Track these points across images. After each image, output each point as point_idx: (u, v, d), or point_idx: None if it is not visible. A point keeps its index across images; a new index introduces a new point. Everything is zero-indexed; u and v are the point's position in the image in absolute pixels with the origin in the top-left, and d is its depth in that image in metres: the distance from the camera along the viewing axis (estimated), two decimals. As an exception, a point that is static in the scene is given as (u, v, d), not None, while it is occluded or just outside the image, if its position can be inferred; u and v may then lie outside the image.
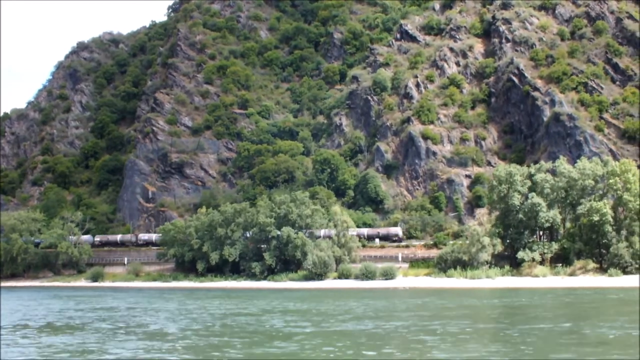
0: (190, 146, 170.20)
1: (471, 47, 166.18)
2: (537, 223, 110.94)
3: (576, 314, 60.01)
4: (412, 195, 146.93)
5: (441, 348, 40.31)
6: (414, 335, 46.60)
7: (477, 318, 57.41)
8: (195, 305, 79.03)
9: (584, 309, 65.93)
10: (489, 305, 70.68)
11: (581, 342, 41.90)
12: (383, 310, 66.27)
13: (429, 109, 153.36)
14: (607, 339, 42.86)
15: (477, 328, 49.88)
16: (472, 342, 42.92)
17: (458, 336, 45.29)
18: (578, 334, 45.86)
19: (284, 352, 40.43)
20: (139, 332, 51.90)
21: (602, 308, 65.97)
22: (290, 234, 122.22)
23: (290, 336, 47.04)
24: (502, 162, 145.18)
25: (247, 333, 49.62)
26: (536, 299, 76.24)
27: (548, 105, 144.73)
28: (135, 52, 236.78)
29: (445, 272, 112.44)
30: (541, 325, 49.82)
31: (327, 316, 60.71)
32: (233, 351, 40.89)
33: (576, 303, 71.94)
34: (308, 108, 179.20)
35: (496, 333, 46.21)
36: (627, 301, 71.61)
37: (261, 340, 45.71)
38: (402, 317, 58.38)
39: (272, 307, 73.17)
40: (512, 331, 47.25)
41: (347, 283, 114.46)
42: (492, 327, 49.94)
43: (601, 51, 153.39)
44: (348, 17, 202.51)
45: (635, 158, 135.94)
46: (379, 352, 40.09)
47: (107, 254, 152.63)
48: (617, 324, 49.03)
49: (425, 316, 59.02)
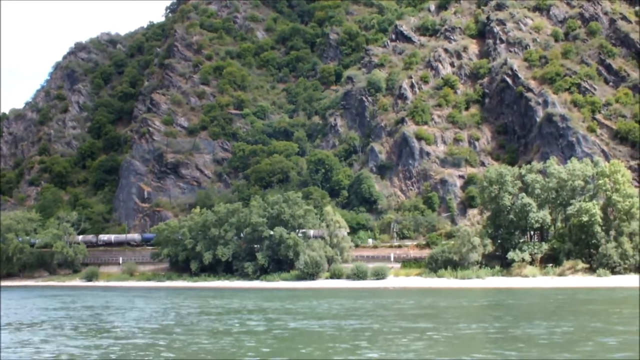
0: (186, 146, 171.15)
1: (466, 48, 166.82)
2: (528, 223, 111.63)
3: (526, 314, 60.43)
4: (406, 196, 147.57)
5: (342, 347, 41.02)
6: (340, 334, 47.44)
7: (427, 318, 57.73)
8: (172, 304, 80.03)
9: (543, 308, 66.71)
10: (455, 306, 71.11)
11: (495, 341, 42.67)
12: (348, 309, 66.93)
13: (423, 110, 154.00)
14: (526, 337, 43.52)
15: (409, 327, 50.19)
16: (384, 341, 43.17)
17: (382, 335, 45.87)
18: (503, 333, 46.23)
19: (200, 348, 41.56)
20: (93, 330, 52.63)
21: (562, 307, 66.46)
22: (282, 234, 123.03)
23: (229, 334, 48.33)
24: (495, 162, 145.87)
25: (194, 331, 50.60)
26: (507, 299, 76.80)
27: (541, 106, 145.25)
28: (133, 53, 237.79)
29: (436, 272, 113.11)
30: (478, 324, 50.66)
31: (290, 315, 61.86)
32: (163, 349, 41.71)
33: (541, 303, 72.69)
34: (303, 108, 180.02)
35: (422, 332, 46.72)
36: (593, 301, 72.47)
37: (199, 338, 46.60)
38: (356, 316, 59.32)
39: (243, 306, 74.17)
40: (443, 331, 47.70)
41: (339, 283, 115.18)
42: (425, 327, 49.92)
43: (595, 52, 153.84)
44: (344, 17, 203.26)
45: (628, 159, 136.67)
46: (277, 349, 41.24)
47: (102, 253, 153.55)
48: (553, 324, 49.69)
49: (379, 315, 59.85)
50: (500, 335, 45.39)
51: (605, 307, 64.90)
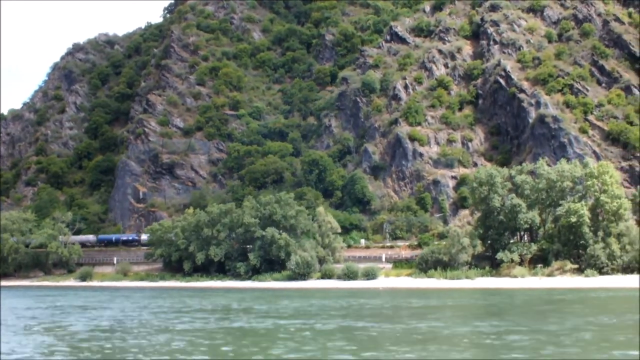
0: (181, 147, 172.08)
1: (460, 49, 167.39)
2: (517, 224, 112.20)
3: (471, 313, 61.77)
4: (399, 196, 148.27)
5: (261, 344, 42.64)
6: (269, 332, 49.01)
7: (376, 318, 58.68)
8: (147, 304, 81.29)
9: (501, 308, 67.95)
10: (421, 306, 71.67)
11: (397, 339, 43.96)
12: (311, 309, 68.02)
13: (417, 111, 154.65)
14: (427, 335, 45.04)
15: (346, 327, 51.48)
16: (309, 340, 44.42)
17: (318, 334, 47.22)
18: (416, 332, 47.37)
19: (127, 345, 43.01)
20: (40, 329, 53.45)
21: (520, 307, 67.91)
22: (274, 235, 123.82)
23: (168, 331, 50.26)
24: (488, 163, 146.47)
25: (135, 330, 52.07)
26: (479, 300, 78.00)
27: (533, 107, 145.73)
28: (130, 54, 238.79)
29: (426, 272, 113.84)
30: (417, 323, 51.96)
31: (249, 314, 63.54)
32: (96, 348, 42.71)
33: (506, 303, 73.94)
34: (299, 109, 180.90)
35: (351, 331, 48.08)
36: (561, 300, 73.61)
37: (133, 336, 48.11)
38: (309, 315, 60.62)
39: (215, 306, 75.36)
40: (379, 330, 48.97)
41: (330, 283, 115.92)
42: (361, 326, 51.22)
43: (588, 53, 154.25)
44: (340, 18, 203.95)
45: (619, 159, 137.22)
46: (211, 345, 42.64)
47: (97, 253, 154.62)
48: (469, 321, 51.69)
49: (331, 315, 60.93)
50: (417, 336, 46.05)
51: (563, 306, 66.09)
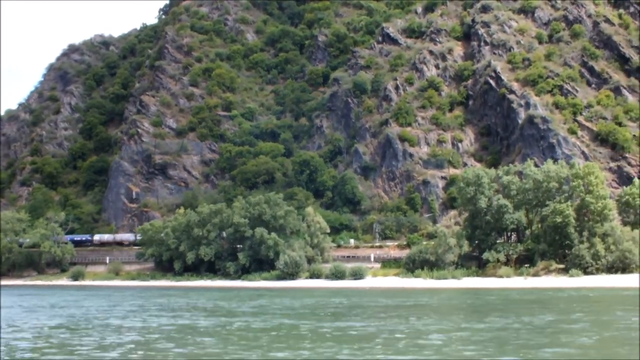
0: (174, 148, 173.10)
1: (451, 50, 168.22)
2: (503, 224, 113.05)
3: (422, 312, 62.70)
4: (389, 197, 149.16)
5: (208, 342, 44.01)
6: (215, 329, 50.66)
7: (318, 316, 60.28)
8: (120, 302, 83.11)
9: (462, 308, 69.57)
10: (387, 305, 72.83)
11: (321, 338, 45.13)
12: (276, 309, 69.62)
13: (407, 112, 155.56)
14: (343, 333, 46.53)
15: (290, 324, 53.26)
16: (248, 338, 46.03)
17: (264, 332, 48.82)
18: (340, 330, 48.87)
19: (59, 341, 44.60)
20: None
21: (481, 307, 69.18)
22: (263, 235, 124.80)
23: (112, 328, 52.32)
24: (478, 163, 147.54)
25: (88, 327, 54.05)
26: (450, 300, 79.47)
27: (523, 108, 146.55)
28: (125, 55, 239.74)
29: (413, 272, 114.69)
30: (363, 322, 53.47)
31: (211, 312, 65.66)
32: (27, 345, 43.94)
33: (460, 303, 75.62)
34: (291, 110, 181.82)
35: (290, 329, 50.04)
36: (529, 300, 74.50)
37: (76, 332, 50.04)
38: (270, 314, 62.36)
39: (186, 305, 77.17)
40: (320, 328, 50.50)
41: (318, 283, 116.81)
42: (305, 324, 52.86)
43: (578, 54, 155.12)
44: (333, 20, 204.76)
45: (608, 160, 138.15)
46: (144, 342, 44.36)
47: (90, 253, 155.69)
48: (408, 320, 53.23)
49: (283, 314, 62.60)
50: (352, 333, 47.50)
51: (530, 305, 67.24)
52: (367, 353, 38.01)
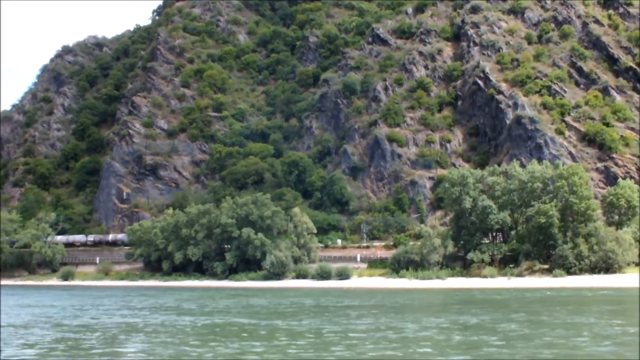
0: (164, 148, 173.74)
1: (440, 50, 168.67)
2: (488, 225, 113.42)
3: (368, 312, 64.41)
4: (377, 197, 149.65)
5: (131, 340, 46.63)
6: (156, 328, 52.92)
7: (278, 316, 62.01)
8: (89, 302, 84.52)
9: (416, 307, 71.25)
10: (346, 305, 73.90)
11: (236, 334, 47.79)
12: (229, 308, 71.74)
13: (396, 112, 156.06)
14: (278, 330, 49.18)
15: (233, 322, 55.71)
16: (171, 333, 48.66)
17: (193, 330, 51.32)
18: (269, 327, 51.67)
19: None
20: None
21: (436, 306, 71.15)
22: (250, 235, 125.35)
23: (61, 327, 54.64)
24: (466, 164, 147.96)
25: (40, 325, 56.52)
26: (415, 300, 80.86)
27: (511, 109, 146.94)
28: (119, 56, 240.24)
29: (398, 272, 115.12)
30: (297, 321, 55.23)
31: (167, 311, 68.10)
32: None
33: (420, 303, 77.47)
34: (281, 111, 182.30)
35: (235, 326, 52.81)
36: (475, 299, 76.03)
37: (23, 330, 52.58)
38: (225, 313, 64.59)
39: (153, 304, 78.69)
40: (254, 326, 52.76)
41: (304, 283, 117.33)
42: (231, 321, 55.96)
43: (566, 55, 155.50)
44: (324, 20, 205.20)
45: (595, 161, 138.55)
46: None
47: (81, 253, 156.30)
48: (349, 319, 55.44)
49: (245, 313, 64.25)
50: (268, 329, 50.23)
51: (483, 305, 68.63)
52: (256, 347, 40.73)
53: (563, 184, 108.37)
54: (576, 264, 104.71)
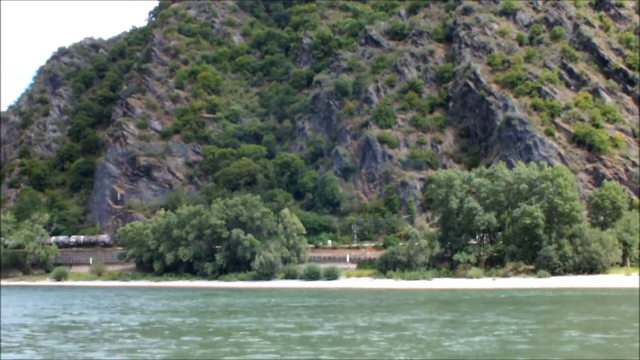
0: (158, 150, 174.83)
1: (432, 52, 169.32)
2: (474, 226, 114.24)
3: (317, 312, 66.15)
4: (368, 198, 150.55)
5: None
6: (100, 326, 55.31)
7: (233, 314, 65.00)
8: (65, 302, 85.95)
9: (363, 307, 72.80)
10: (307, 305, 75.85)
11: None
12: (191, 308, 74.20)
13: (387, 114, 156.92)
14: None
15: (152, 321, 58.82)
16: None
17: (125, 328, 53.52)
18: (206, 326, 54.28)
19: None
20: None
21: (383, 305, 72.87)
22: (239, 236, 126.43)
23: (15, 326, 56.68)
24: (457, 165, 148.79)
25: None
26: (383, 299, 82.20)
27: (501, 110, 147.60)
28: (115, 57, 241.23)
29: (385, 273, 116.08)
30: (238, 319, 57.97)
31: (122, 311, 70.99)
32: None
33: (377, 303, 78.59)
34: (274, 112, 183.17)
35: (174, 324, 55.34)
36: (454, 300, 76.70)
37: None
38: (185, 314, 66.36)
39: (117, 304, 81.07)
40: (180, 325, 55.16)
41: (292, 283, 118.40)
42: (193, 321, 58.31)
43: (557, 56, 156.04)
44: (319, 22, 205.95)
45: (584, 162, 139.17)
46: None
47: (75, 254, 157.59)
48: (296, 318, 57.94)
49: (201, 312, 66.96)
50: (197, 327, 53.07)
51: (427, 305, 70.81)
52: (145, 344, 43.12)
53: (548, 185, 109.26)
54: (560, 264, 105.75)
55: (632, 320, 51.23)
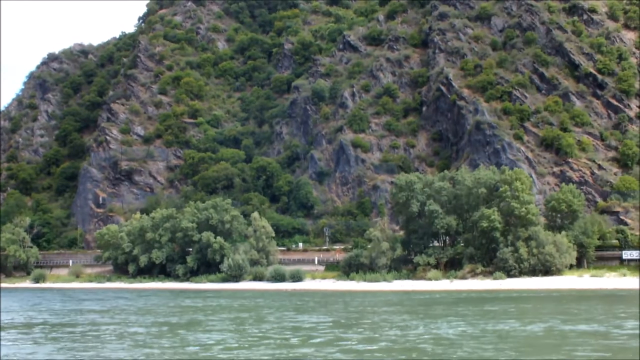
0: (140, 154, 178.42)
1: (407, 57, 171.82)
2: (434, 229, 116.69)
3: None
4: (342, 201, 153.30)
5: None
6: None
7: (138, 314, 70.12)
8: (28, 304, 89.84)
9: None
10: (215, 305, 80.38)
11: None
12: (129, 308, 79.18)
13: (361, 118, 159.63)
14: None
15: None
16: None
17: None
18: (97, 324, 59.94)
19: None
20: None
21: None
22: (209, 239, 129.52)
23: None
24: (429, 168, 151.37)
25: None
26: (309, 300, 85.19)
27: (472, 114, 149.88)
28: (104, 63, 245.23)
29: (349, 275, 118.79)
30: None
31: (54, 311, 75.98)
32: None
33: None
34: (255, 117, 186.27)
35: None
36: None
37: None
38: (111, 313, 71.84)
39: (62, 305, 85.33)
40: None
41: (259, 285, 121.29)
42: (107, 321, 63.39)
43: (529, 61, 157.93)
44: (301, 27, 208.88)
45: (552, 165, 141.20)
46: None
47: (56, 256, 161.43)
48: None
49: (122, 312, 72.04)
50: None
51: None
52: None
53: (506, 189, 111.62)
54: (516, 266, 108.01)
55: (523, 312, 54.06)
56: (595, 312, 60.24)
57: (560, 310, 64.38)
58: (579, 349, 39.42)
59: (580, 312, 60.68)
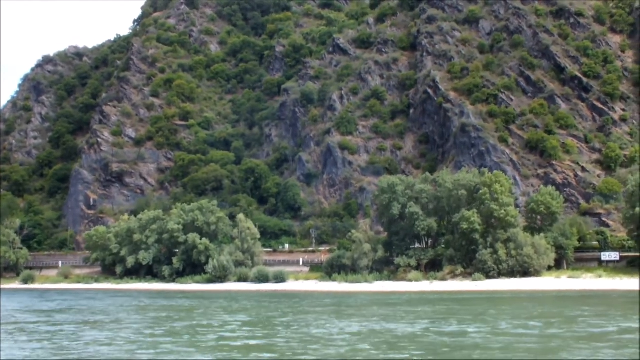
0: (131, 156, 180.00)
1: (396, 60, 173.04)
2: (415, 231, 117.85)
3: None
4: (329, 203, 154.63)
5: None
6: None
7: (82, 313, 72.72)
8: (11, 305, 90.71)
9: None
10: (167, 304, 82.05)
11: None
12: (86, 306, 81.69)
13: (349, 121, 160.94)
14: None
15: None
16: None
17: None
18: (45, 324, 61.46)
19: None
20: None
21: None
22: (195, 240, 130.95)
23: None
24: (416, 170, 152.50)
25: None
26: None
27: (458, 117, 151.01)
28: (98, 65, 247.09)
29: (331, 276, 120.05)
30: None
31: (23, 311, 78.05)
32: None
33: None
34: (245, 119, 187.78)
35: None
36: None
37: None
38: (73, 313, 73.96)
39: (42, 306, 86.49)
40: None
41: (244, 286, 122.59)
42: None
43: (516, 64, 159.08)
44: (293, 30, 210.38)
45: (536, 167, 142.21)
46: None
47: (46, 257, 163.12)
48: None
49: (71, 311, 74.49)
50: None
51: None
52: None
53: (485, 191, 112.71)
54: (495, 268, 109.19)
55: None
56: (522, 312, 62.34)
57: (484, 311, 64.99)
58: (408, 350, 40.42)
59: (503, 312, 62.45)
